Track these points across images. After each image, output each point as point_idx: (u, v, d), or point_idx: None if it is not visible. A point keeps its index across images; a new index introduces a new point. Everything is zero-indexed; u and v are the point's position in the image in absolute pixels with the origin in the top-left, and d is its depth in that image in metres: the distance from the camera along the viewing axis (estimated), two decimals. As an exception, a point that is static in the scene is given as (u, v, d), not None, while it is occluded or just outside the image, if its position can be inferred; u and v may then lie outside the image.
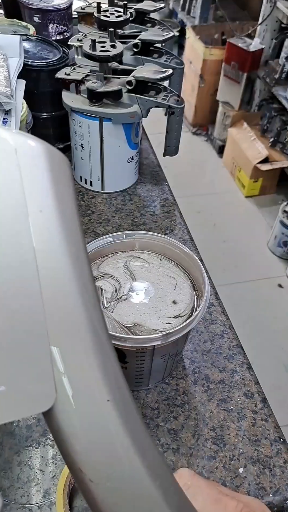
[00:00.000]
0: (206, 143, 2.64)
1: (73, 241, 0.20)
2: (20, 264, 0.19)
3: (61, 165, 0.21)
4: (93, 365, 0.19)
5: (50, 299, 0.19)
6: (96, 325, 0.19)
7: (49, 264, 0.19)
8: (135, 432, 0.19)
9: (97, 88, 0.71)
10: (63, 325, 0.19)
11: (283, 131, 2.12)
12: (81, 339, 0.19)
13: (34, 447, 0.49)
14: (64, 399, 0.18)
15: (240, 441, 0.51)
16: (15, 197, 0.19)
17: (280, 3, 1.94)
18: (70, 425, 0.18)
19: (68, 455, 0.19)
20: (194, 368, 0.58)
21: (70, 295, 0.19)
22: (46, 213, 0.19)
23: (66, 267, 0.19)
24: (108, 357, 0.19)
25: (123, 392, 0.19)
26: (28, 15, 0.89)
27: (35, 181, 0.20)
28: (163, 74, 0.71)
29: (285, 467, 0.49)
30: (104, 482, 0.19)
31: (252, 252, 2.04)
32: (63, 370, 0.18)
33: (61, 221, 0.19)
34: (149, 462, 0.20)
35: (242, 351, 0.60)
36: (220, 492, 0.27)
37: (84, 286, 0.19)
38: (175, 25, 2.86)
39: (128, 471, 0.19)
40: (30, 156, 0.20)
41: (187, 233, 0.77)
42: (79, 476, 0.19)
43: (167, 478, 0.21)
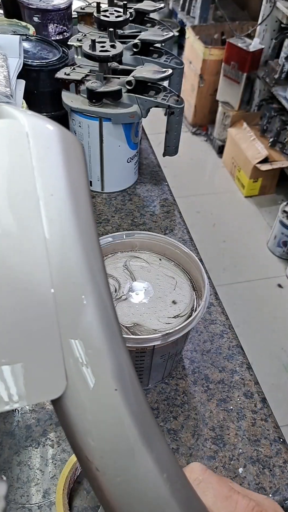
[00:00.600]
0: (206, 143, 2.64)
1: (84, 226, 0.19)
2: (30, 249, 0.18)
3: (74, 148, 0.21)
4: (103, 355, 0.19)
5: (60, 287, 0.18)
6: (108, 313, 0.19)
7: (59, 250, 0.19)
8: (143, 423, 0.19)
9: (96, 88, 0.71)
10: (73, 313, 0.18)
11: (283, 131, 2.12)
12: (91, 329, 0.19)
13: (34, 447, 0.49)
14: (73, 388, 0.18)
15: (240, 441, 0.51)
16: (25, 179, 0.19)
17: (280, 3, 1.94)
18: (79, 414, 0.18)
19: (76, 443, 0.19)
20: (193, 368, 0.58)
21: (81, 284, 0.19)
22: (57, 197, 0.19)
23: (77, 253, 0.19)
24: (118, 346, 0.19)
25: (132, 382, 0.19)
26: (28, 15, 0.89)
27: (47, 164, 0.19)
28: (162, 74, 0.71)
29: (285, 467, 0.49)
30: (111, 472, 0.19)
31: (252, 252, 2.04)
32: (73, 359, 0.18)
33: (72, 205, 0.19)
34: (157, 455, 0.19)
35: (241, 351, 0.60)
36: (231, 489, 0.27)
37: (95, 273, 0.19)
38: (175, 25, 2.86)
39: (135, 462, 0.19)
40: (43, 138, 0.20)
41: (186, 233, 0.77)
42: (86, 465, 0.19)
43: (175, 472, 0.20)
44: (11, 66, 0.71)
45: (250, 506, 0.26)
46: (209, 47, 2.37)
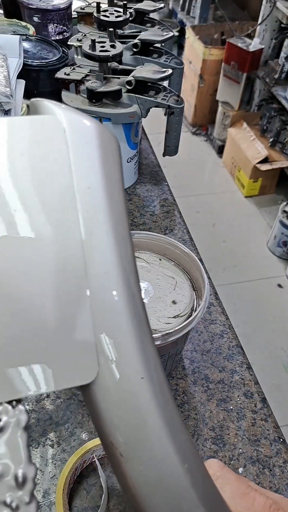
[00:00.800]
0: (206, 143, 2.64)
1: (118, 219, 0.20)
2: (66, 240, 0.19)
3: (110, 144, 0.21)
4: (131, 344, 0.19)
5: (94, 277, 0.19)
6: (136, 304, 0.20)
7: (93, 241, 0.19)
8: (167, 412, 0.20)
9: (96, 88, 0.71)
10: (105, 303, 0.19)
11: (283, 131, 2.12)
12: (121, 317, 0.19)
13: (34, 447, 0.49)
14: (102, 375, 0.19)
15: (240, 441, 0.51)
16: (63, 173, 0.20)
17: (280, 3, 1.95)
18: (106, 399, 0.19)
19: (101, 428, 0.19)
20: (193, 368, 0.58)
21: (114, 274, 0.19)
22: (93, 190, 0.20)
23: (110, 246, 0.20)
24: (146, 337, 0.20)
25: (157, 372, 0.20)
26: (28, 15, 0.89)
27: (84, 158, 0.20)
28: (162, 74, 0.71)
29: (285, 467, 0.49)
30: (134, 458, 0.19)
31: (252, 252, 2.04)
32: (102, 347, 0.19)
33: (107, 198, 0.20)
34: (180, 444, 0.20)
35: (241, 351, 0.60)
36: (249, 487, 0.26)
37: (127, 266, 0.20)
38: (175, 25, 2.86)
39: (158, 450, 0.19)
40: (81, 133, 0.20)
41: (186, 233, 0.77)
42: (110, 449, 0.19)
43: (196, 463, 0.21)
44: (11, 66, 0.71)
45: (267, 504, 0.26)
46: (209, 47, 2.37)
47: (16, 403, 0.18)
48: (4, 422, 0.18)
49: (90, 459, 0.48)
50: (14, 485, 0.17)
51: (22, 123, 0.20)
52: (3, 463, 0.18)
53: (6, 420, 0.18)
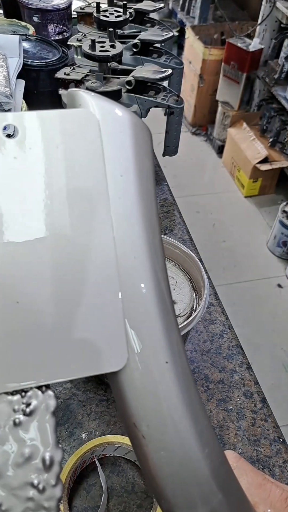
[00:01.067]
0: (206, 143, 2.64)
1: (148, 207, 0.21)
2: (98, 225, 0.20)
3: (143, 134, 0.22)
4: (157, 330, 0.20)
5: (124, 265, 0.20)
6: (163, 291, 0.20)
7: (124, 229, 0.20)
8: (190, 397, 0.20)
9: (96, 88, 0.71)
10: (133, 289, 0.20)
11: (283, 131, 2.12)
12: (149, 304, 0.20)
13: (34, 447, 0.49)
14: (129, 358, 0.19)
15: (240, 441, 0.51)
16: (96, 164, 0.20)
17: (280, 3, 1.95)
18: (131, 382, 0.19)
19: (125, 410, 0.19)
20: (193, 368, 0.58)
21: (142, 263, 0.20)
22: (126, 177, 0.21)
23: (138, 233, 0.20)
24: (172, 324, 0.20)
25: (181, 358, 0.20)
26: (28, 15, 0.89)
27: (118, 147, 0.21)
28: (162, 74, 0.71)
29: (285, 467, 0.49)
30: (155, 441, 0.19)
31: (252, 252, 2.04)
32: (131, 333, 0.19)
33: (138, 187, 0.21)
34: (200, 430, 0.20)
35: (241, 351, 0.60)
36: (265, 478, 0.27)
37: (155, 254, 0.20)
38: (175, 25, 2.86)
39: (179, 434, 0.19)
40: (114, 124, 0.21)
41: (186, 233, 0.77)
42: (133, 431, 0.20)
43: (216, 449, 0.21)
44: (11, 66, 0.71)
45: (284, 496, 0.26)
46: (209, 47, 2.37)
47: (45, 388, 0.19)
48: (33, 406, 0.18)
49: (90, 459, 0.48)
50: (42, 468, 0.18)
51: (57, 116, 0.21)
52: (32, 445, 0.18)
53: (35, 404, 0.18)
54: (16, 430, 0.18)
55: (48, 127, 0.20)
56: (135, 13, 0.87)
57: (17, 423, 0.18)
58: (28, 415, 0.18)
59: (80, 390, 0.54)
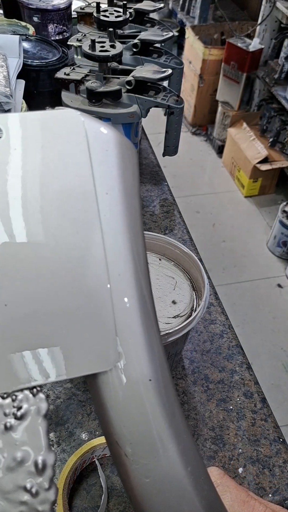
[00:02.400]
0: (206, 143, 2.64)
1: (133, 224, 0.21)
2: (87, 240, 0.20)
3: (128, 152, 0.22)
4: (140, 346, 0.20)
5: (112, 279, 0.20)
6: (147, 307, 0.20)
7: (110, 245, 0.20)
8: (172, 415, 0.20)
9: (96, 88, 0.71)
10: (120, 306, 0.20)
11: (283, 131, 2.12)
12: (133, 320, 0.20)
13: (34, 447, 0.49)
14: (112, 374, 0.19)
15: (240, 441, 0.51)
16: (85, 178, 0.21)
17: (280, 3, 1.94)
18: (114, 399, 0.19)
19: (107, 427, 0.19)
20: (193, 368, 0.58)
21: (128, 276, 0.20)
22: (111, 195, 0.21)
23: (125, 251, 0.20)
24: (155, 341, 0.20)
25: (164, 375, 0.20)
26: (28, 15, 0.89)
27: (104, 165, 0.21)
28: (162, 74, 0.71)
29: (285, 467, 0.49)
30: (138, 459, 0.19)
31: (252, 252, 2.04)
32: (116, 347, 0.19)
33: (123, 205, 0.21)
34: (183, 448, 0.20)
35: (241, 351, 0.60)
36: (249, 495, 0.27)
37: (140, 272, 0.21)
38: (175, 25, 2.86)
39: (162, 452, 0.19)
40: (101, 142, 0.21)
41: (186, 233, 0.77)
42: (115, 449, 0.19)
43: (199, 467, 0.21)
44: (11, 66, 0.71)
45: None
46: (209, 47, 2.37)
47: (36, 391, 0.19)
48: (25, 409, 0.18)
49: (90, 459, 0.48)
50: (34, 471, 0.18)
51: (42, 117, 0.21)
52: (23, 449, 0.18)
53: (26, 407, 0.18)
54: (7, 434, 0.18)
55: (33, 128, 0.20)
56: (135, 13, 0.87)
57: (8, 427, 0.18)
58: (19, 419, 0.18)
59: (80, 390, 0.54)
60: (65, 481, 0.44)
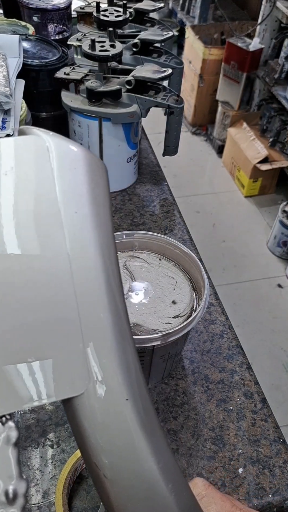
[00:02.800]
0: (206, 143, 2.64)
1: (105, 243, 0.21)
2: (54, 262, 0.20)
3: (98, 169, 0.22)
4: (116, 366, 0.19)
5: (82, 298, 0.19)
6: (122, 325, 0.20)
7: (81, 265, 0.20)
8: (151, 433, 0.20)
9: (96, 87, 0.71)
10: (91, 324, 0.19)
11: (283, 131, 2.12)
12: (107, 340, 0.19)
13: (34, 448, 0.49)
14: (87, 395, 0.19)
15: (240, 441, 0.51)
16: (50, 201, 0.20)
17: (280, 3, 1.94)
18: (89, 421, 0.19)
19: (85, 449, 0.19)
20: (193, 368, 0.58)
21: (99, 296, 0.20)
22: (81, 214, 0.20)
23: (97, 270, 0.20)
24: (132, 358, 0.20)
25: (142, 393, 0.20)
26: (28, 14, 0.89)
27: (72, 184, 0.21)
28: (162, 74, 0.70)
29: (285, 467, 0.49)
30: (118, 480, 0.19)
31: (252, 252, 2.04)
32: (88, 367, 0.19)
33: (94, 223, 0.20)
34: (163, 465, 0.20)
35: (241, 351, 0.60)
36: (234, 505, 0.27)
37: (114, 288, 0.20)
38: (175, 25, 2.86)
39: (142, 471, 0.19)
40: (69, 160, 0.21)
41: (186, 233, 0.77)
42: (94, 471, 0.19)
43: (180, 483, 0.21)
44: (11, 66, 0.71)
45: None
46: (209, 47, 2.37)
47: (6, 420, 0.18)
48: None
49: (90, 460, 0.48)
50: (5, 501, 0.18)
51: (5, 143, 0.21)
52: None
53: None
54: None
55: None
56: (135, 13, 0.87)
57: None
58: None
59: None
60: (65, 481, 0.44)
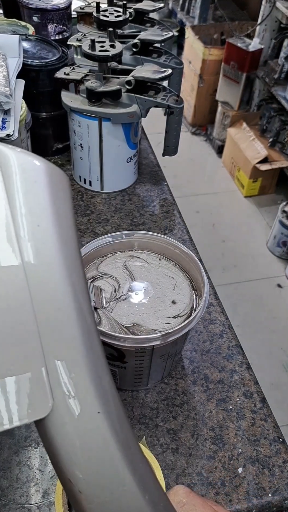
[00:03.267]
0: (205, 143, 2.64)
1: (70, 255, 0.20)
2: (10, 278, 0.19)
3: (60, 182, 0.22)
4: (86, 378, 0.19)
5: (43, 312, 0.19)
6: (91, 337, 0.20)
7: (46, 277, 0.19)
8: (126, 445, 0.19)
9: (96, 88, 0.71)
10: (57, 337, 0.19)
11: (282, 131, 2.12)
12: (75, 352, 0.19)
13: (33, 447, 0.49)
14: (56, 410, 0.18)
15: (239, 441, 0.51)
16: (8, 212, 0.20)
17: (279, 3, 1.94)
18: (62, 436, 0.18)
19: (58, 465, 0.19)
20: (193, 368, 0.58)
21: (64, 308, 0.19)
22: (44, 227, 0.20)
23: (61, 281, 0.19)
24: (102, 370, 0.20)
25: (115, 405, 0.20)
26: (27, 14, 0.89)
27: (34, 196, 0.20)
28: (162, 74, 0.71)
29: (284, 467, 0.49)
30: (93, 494, 0.19)
31: (251, 252, 2.04)
32: (56, 381, 0.19)
33: (57, 236, 0.20)
34: (140, 476, 0.19)
35: (241, 351, 0.60)
36: (215, 511, 0.27)
37: (80, 300, 0.20)
38: (174, 25, 2.86)
39: (118, 484, 0.19)
40: (30, 172, 0.21)
41: (186, 233, 0.77)
42: (68, 487, 0.19)
43: (157, 493, 0.20)
44: (11, 66, 0.71)
45: None
46: (209, 47, 2.37)
47: None
48: None
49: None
50: None
51: None
52: None
53: None
54: None
55: None
56: (135, 13, 0.87)
57: None
58: None
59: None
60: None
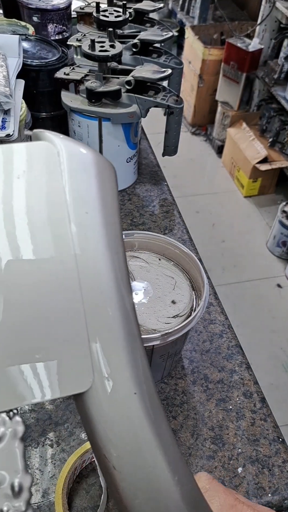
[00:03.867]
0: (205, 143, 2.64)
1: (114, 243, 0.21)
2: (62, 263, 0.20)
3: (107, 171, 0.23)
4: (124, 359, 0.20)
5: (89, 296, 0.20)
6: (130, 322, 0.21)
7: (91, 264, 0.20)
8: (158, 426, 0.20)
9: (96, 88, 0.71)
10: (101, 322, 0.20)
11: (282, 131, 2.12)
12: (116, 336, 0.20)
13: (33, 447, 0.49)
14: (95, 389, 0.19)
15: (239, 440, 0.51)
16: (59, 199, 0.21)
17: (279, 3, 1.95)
18: (99, 414, 0.19)
19: (95, 441, 0.20)
20: (193, 368, 0.58)
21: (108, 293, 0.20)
22: (91, 214, 0.21)
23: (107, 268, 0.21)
24: (139, 352, 0.21)
25: (149, 387, 0.21)
26: (27, 14, 0.89)
27: (82, 185, 0.22)
28: (162, 74, 0.71)
29: (284, 466, 0.49)
30: (126, 471, 0.20)
31: (251, 252, 2.04)
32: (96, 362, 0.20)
33: (103, 223, 0.21)
34: (170, 457, 0.20)
35: (241, 351, 0.60)
36: (237, 499, 0.28)
37: (121, 286, 0.21)
38: (174, 25, 2.86)
39: (150, 463, 0.20)
40: (79, 161, 0.22)
41: (186, 233, 0.77)
42: (103, 462, 0.20)
43: (186, 475, 0.21)
44: (11, 66, 0.71)
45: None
46: (209, 47, 2.37)
47: (13, 414, 0.19)
48: (1, 432, 0.18)
49: (90, 459, 0.48)
50: (11, 494, 0.18)
51: (17, 149, 0.21)
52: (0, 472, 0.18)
53: (3, 431, 0.18)
54: None
55: (8, 159, 0.21)
56: (134, 13, 0.87)
57: None
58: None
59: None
60: (65, 480, 0.44)
